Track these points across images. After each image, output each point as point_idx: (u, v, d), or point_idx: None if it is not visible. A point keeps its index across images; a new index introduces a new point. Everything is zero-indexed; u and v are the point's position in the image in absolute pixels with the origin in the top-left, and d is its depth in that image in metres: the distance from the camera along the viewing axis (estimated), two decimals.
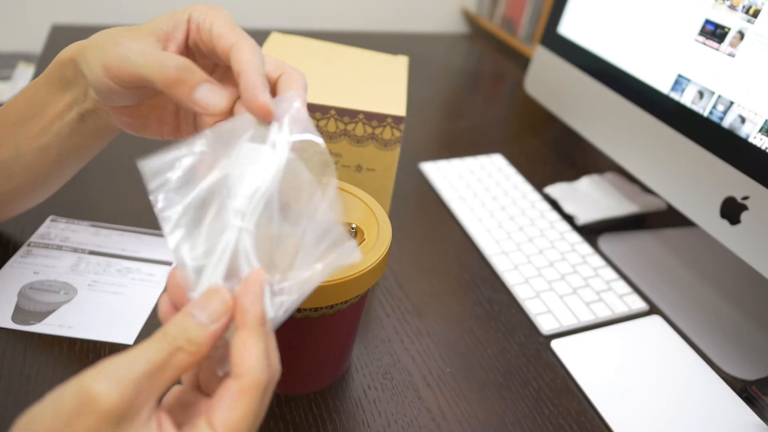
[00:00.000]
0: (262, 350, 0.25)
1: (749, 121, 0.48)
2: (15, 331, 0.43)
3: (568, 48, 0.69)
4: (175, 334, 0.24)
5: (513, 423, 0.43)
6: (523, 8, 1.07)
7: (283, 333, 0.32)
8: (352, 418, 0.41)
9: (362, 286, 0.35)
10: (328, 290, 0.34)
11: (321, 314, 0.36)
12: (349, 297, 0.35)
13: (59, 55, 0.38)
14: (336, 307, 0.36)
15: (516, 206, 0.66)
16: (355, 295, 0.36)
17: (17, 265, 0.48)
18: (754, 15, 0.48)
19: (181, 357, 0.24)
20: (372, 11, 1.21)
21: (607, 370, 0.48)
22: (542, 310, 0.53)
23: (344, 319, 0.39)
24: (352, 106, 0.48)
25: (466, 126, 0.85)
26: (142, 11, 1.05)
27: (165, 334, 0.24)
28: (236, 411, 0.24)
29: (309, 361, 0.40)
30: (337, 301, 0.35)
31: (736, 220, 0.49)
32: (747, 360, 0.52)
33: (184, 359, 0.24)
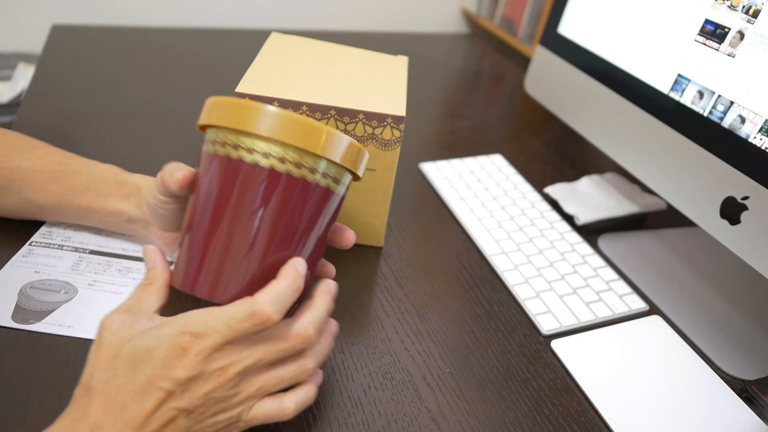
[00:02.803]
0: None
1: (749, 121, 0.48)
2: (15, 330, 0.43)
3: (568, 48, 0.69)
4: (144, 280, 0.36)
5: (513, 423, 0.43)
6: (523, 8, 1.07)
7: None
8: (352, 418, 0.41)
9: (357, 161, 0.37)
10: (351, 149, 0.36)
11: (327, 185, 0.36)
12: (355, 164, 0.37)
13: (121, 177, 0.48)
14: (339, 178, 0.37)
15: (516, 206, 0.66)
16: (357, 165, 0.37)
17: (18, 264, 0.48)
18: (754, 15, 0.48)
19: (150, 288, 0.36)
20: (372, 11, 1.21)
21: (607, 370, 0.48)
22: (542, 310, 0.53)
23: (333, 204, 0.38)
24: (352, 106, 0.48)
25: (466, 126, 0.85)
26: (142, 11, 1.05)
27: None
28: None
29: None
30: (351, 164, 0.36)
31: (736, 220, 0.49)
32: (747, 360, 0.52)
33: (153, 289, 0.36)
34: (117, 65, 0.85)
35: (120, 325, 0.32)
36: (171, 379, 0.30)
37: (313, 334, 0.34)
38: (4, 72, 1.01)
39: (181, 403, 0.31)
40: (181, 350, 0.31)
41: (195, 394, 0.31)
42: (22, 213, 0.49)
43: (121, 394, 0.30)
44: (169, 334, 0.31)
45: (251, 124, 0.33)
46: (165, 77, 0.84)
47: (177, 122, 0.73)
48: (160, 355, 0.30)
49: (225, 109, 0.34)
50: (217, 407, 0.32)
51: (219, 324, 0.31)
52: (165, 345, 0.31)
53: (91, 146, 0.65)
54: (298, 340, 0.34)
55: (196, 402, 0.31)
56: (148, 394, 0.30)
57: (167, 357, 0.30)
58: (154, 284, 0.35)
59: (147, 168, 0.63)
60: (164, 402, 0.30)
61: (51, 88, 0.76)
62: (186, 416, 0.31)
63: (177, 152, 0.67)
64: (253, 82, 0.48)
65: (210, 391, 0.31)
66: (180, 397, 0.31)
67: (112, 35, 0.94)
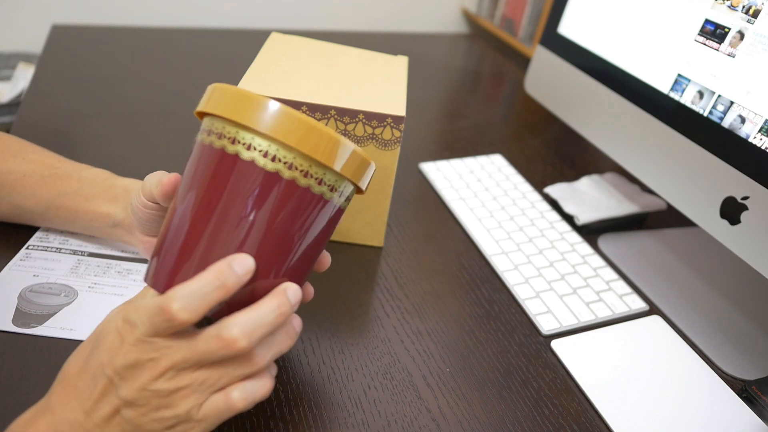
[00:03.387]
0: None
1: (749, 121, 0.48)
2: (16, 334, 0.43)
3: (568, 48, 0.69)
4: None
5: (513, 423, 0.43)
6: (523, 8, 1.07)
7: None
8: (352, 418, 0.41)
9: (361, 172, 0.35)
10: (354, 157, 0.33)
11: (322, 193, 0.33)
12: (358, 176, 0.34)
13: (111, 180, 0.47)
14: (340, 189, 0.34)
15: (516, 206, 0.66)
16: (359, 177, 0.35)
17: (16, 269, 0.48)
18: (754, 15, 0.48)
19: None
20: (372, 11, 1.21)
21: (607, 370, 0.48)
22: (542, 310, 0.53)
23: (332, 218, 0.35)
24: (352, 106, 0.48)
25: (466, 126, 0.85)
26: (142, 11, 1.05)
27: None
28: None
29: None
30: (354, 176, 0.34)
31: (736, 220, 0.49)
32: (747, 360, 0.52)
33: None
34: (117, 65, 0.85)
35: (113, 315, 0.33)
36: (112, 366, 0.30)
37: (238, 338, 0.30)
38: (4, 72, 1.01)
39: (121, 393, 0.30)
40: (120, 338, 0.31)
41: (133, 385, 0.30)
42: (11, 218, 0.49)
43: (79, 377, 0.31)
44: (114, 321, 0.31)
45: (255, 119, 0.31)
46: (165, 77, 0.84)
47: (177, 122, 0.73)
48: (107, 342, 0.31)
49: (227, 98, 0.32)
50: (158, 402, 0.31)
51: (143, 315, 0.30)
52: (111, 331, 0.31)
53: (91, 146, 0.65)
54: (220, 344, 0.30)
55: (134, 393, 0.30)
56: (96, 380, 0.31)
57: (111, 344, 0.31)
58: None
59: (147, 168, 0.63)
60: (108, 389, 0.31)
61: (51, 88, 0.76)
62: (128, 408, 0.31)
63: (177, 152, 0.67)
64: (253, 82, 0.48)
65: (146, 383, 0.30)
66: (119, 386, 0.30)
67: (112, 35, 0.94)
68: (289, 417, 0.41)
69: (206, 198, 0.32)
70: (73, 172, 0.48)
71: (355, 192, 0.37)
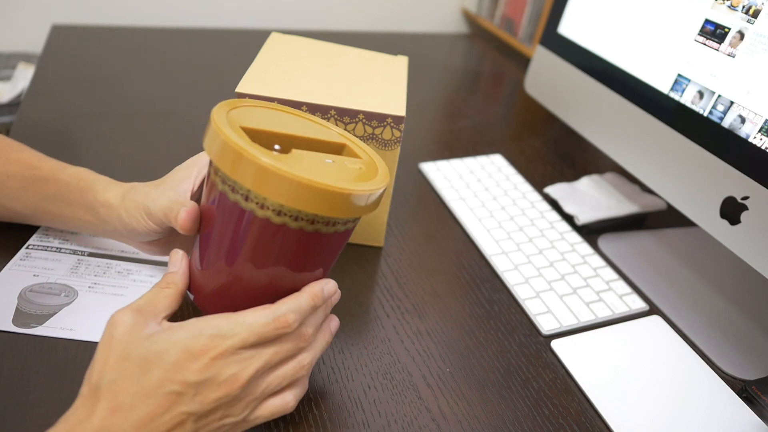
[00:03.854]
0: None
1: (749, 121, 0.48)
2: (16, 334, 0.43)
3: (568, 48, 0.69)
4: (161, 282, 0.36)
5: (513, 423, 0.43)
6: (523, 8, 1.07)
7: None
8: (352, 418, 0.41)
9: (360, 209, 0.34)
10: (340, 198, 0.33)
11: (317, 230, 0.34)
12: (351, 214, 0.34)
13: (84, 183, 0.45)
14: (335, 225, 0.35)
15: (516, 206, 0.66)
16: (354, 214, 0.34)
17: (16, 269, 0.48)
18: (754, 15, 0.48)
19: (166, 292, 0.36)
20: (372, 11, 1.21)
21: (607, 370, 0.48)
22: (542, 310, 0.53)
23: (336, 241, 0.36)
24: (352, 106, 0.48)
25: (466, 126, 0.85)
26: (142, 11, 1.05)
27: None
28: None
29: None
30: (345, 215, 0.34)
31: (736, 220, 0.49)
32: (747, 360, 0.52)
33: (168, 293, 0.36)
34: (117, 65, 0.85)
35: (131, 326, 0.32)
36: (182, 382, 0.30)
37: (292, 322, 0.34)
38: (4, 72, 1.01)
39: (191, 407, 0.31)
40: (193, 354, 0.31)
41: (207, 399, 0.31)
42: (5, 218, 0.49)
43: (129, 395, 0.30)
44: (183, 338, 0.31)
45: (264, 186, 0.31)
46: (165, 77, 0.84)
47: (177, 122, 0.73)
48: (171, 358, 0.30)
49: (235, 159, 0.31)
50: (225, 411, 0.32)
51: (239, 327, 0.32)
52: (178, 348, 0.31)
53: (91, 146, 0.65)
54: (299, 341, 0.35)
55: (206, 407, 0.31)
56: (156, 396, 0.30)
57: (179, 360, 0.30)
58: (171, 289, 0.35)
59: (147, 168, 0.63)
60: (173, 405, 0.30)
61: (51, 88, 0.76)
62: (195, 421, 0.31)
63: (177, 152, 0.67)
64: (252, 82, 0.48)
65: (221, 396, 0.31)
66: (191, 401, 0.30)
67: (112, 35, 0.94)
68: (289, 417, 0.41)
69: (234, 248, 0.34)
70: (50, 173, 0.45)
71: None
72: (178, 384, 0.30)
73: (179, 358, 0.30)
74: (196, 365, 0.30)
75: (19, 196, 0.46)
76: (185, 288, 0.36)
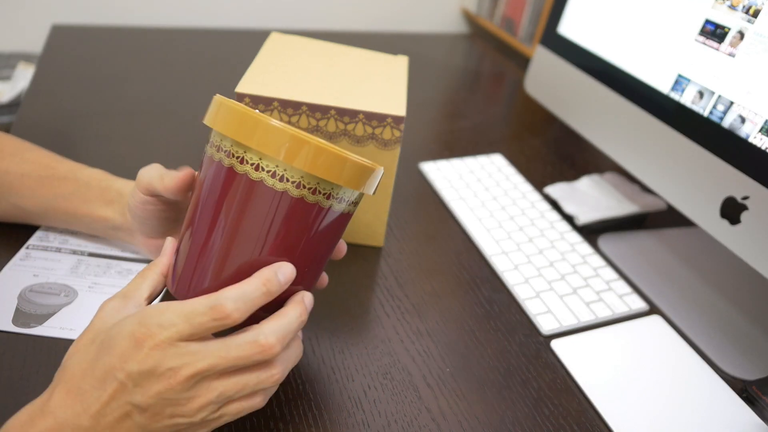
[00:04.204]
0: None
1: (749, 121, 0.48)
2: (16, 334, 0.43)
3: (568, 48, 0.69)
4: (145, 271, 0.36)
5: (513, 423, 0.43)
6: (523, 8, 1.07)
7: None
8: (352, 418, 0.41)
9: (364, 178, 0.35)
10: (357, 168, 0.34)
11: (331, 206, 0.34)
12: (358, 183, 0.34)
13: (106, 182, 0.47)
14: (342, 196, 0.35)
15: (516, 206, 0.66)
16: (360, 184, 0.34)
17: (16, 268, 0.48)
18: (754, 15, 0.48)
19: (151, 277, 0.36)
20: (372, 11, 1.21)
21: (607, 370, 0.48)
22: (542, 310, 0.53)
23: (338, 224, 0.36)
24: (352, 106, 0.48)
25: (466, 126, 0.85)
26: (142, 11, 1.05)
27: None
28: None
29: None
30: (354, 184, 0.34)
31: (736, 220, 0.49)
32: (747, 360, 0.52)
33: (152, 280, 0.36)
34: (117, 65, 0.85)
35: (110, 310, 0.32)
36: (125, 371, 0.29)
37: (274, 344, 0.32)
38: (4, 72, 1.01)
39: (134, 399, 0.30)
40: (136, 342, 0.30)
41: (147, 392, 0.30)
42: (10, 218, 0.49)
43: (84, 380, 0.30)
44: (129, 324, 0.30)
45: (263, 142, 0.31)
46: (165, 77, 0.84)
47: (177, 122, 0.73)
48: (119, 345, 0.30)
49: (236, 118, 0.32)
50: (173, 410, 0.31)
51: (177, 317, 0.30)
52: (125, 335, 0.30)
53: (91, 146, 0.65)
54: (257, 350, 0.31)
55: (148, 400, 0.30)
56: (105, 383, 0.30)
57: (124, 348, 0.30)
58: (151, 270, 0.35)
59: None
60: (118, 394, 0.30)
61: (51, 88, 0.76)
62: (140, 413, 0.30)
63: (177, 152, 0.67)
64: (252, 82, 0.48)
65: (162, 391, 0.30)
66: (132, 392, 0.30)
67: (112, 35, 0.94)
68: (289, 417, 0.41)
69: (220, 214, 0.33)
70: (69, 173, 0.47)
71: (363, 195, 0.38)
72: (122, 372, 0.29)
73: (126, 345, 0.30)
74: (138, 355, 0.29)
75: (33, 194, 0.46)
76: (165, 269, 0.36)
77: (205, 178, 0.34)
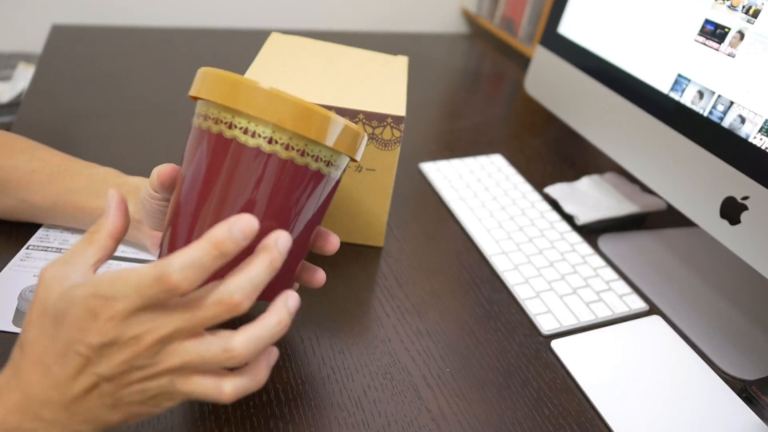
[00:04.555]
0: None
1: (749, 121, 0.48)
2: (16, 334, 0.43)
3: (568, 48, 0.69)
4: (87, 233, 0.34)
5: (513, 423, 0.43)
6: (523, 8, 1.07)
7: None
8: (352, 418, 0.41)
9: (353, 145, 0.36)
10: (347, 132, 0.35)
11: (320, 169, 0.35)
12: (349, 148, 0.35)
13: (121, 179, 0.48)
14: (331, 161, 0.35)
15: (516, 206, 0.66)
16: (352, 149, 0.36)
17: (17, 269, 0.48)
18: (754, 15, 0.48)
19: (95, 241, 0.33)
20: (372, 11, 1.21)
21: (607, 370, 0.48)
22: (542, 310, 0.53)
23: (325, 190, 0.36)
24: (352, 106, 0.48)
25: (466, 126, 0.85)
26: (142, 11, 1.05)
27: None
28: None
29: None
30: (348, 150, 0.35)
31: (736, 220, 0.49)
32: (747, 360, 0.52)
33: (96, 246, 0.33)
34: (117, 65, 0.85)
35: (50, 279, 0.30)
36: (85, 344, 0.29)
37: (240, 301, 0.29)
38: (4, 72, 1.01)
39: (99, 369, 0.29)
40: (92, 314, 0.28)
41: (112, 362, 0.29)
42: (16, 214, 0.49)
43: (47, 354, 0.29)
44: (81, 296, 0.29)
45: (250, 104, 0.32)
46: (165, 77, 0.84)
47: (177, 122, 0.73)
48: (74, 318, 0.29)
49: (221, 83, 0.33)
50: (140, 374, 0.30)
51: (128, 288, 0.28)
52: (78, 308, 0.29)
53: (91, 146, 0.65)
54: (221, 308, 0.29)
55: (114, 369, 0.29)
56: (68, 358, 0.29)
57: (80, 320, 0.29)
58: (98, 233, 0.33)
59: (147, 168, 0.63)
60: (84, 367, 0.29)
61: (51, 88, 0.76)
62: (108, 382, 0.29)
63: (177, 152, 0.67)
64: None
65: (127, 359, 0.29)
66: (98, 363, 0.29)
67: (112, 35, 0.94)
68: (289, 417, 0.41)
69: (209, 182, 0.33)
70: (83, 169, 0.48)
71: (350, 162, 0.38)
72: (83, 345, 0.29)
73: (80, 317, 0.29)
74: (95, 326, 0.28)
75: (43, 189, 0.47)
76: (114, 231, 0.33)
77: (192, 151, 0.34)
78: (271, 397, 0.42)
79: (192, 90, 0.35)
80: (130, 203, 0.46)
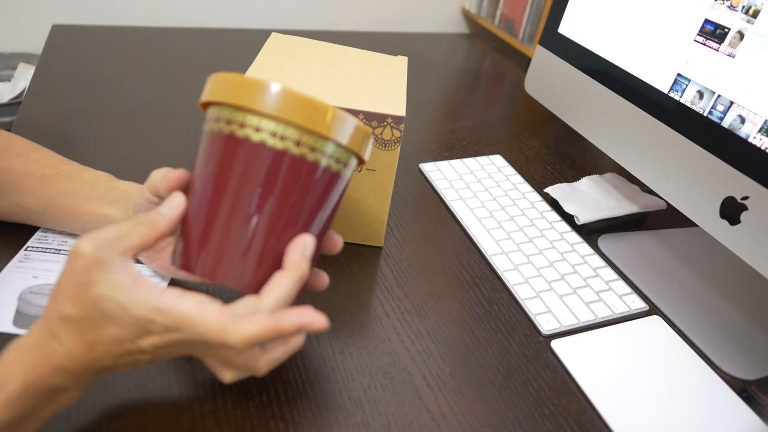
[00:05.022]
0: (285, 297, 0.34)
1: (749, 121, 0.48)
2: (17, 335, 0.43)
3: (568, 48, 0.69)
4: (141, 217, 0.34)
5: (513, 423, 0.43)
6: (523, 8, 1.07)
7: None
8: (352, 418, 0.42)
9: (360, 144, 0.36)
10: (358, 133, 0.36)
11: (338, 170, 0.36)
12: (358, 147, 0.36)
13: (112, 183, 0.48)
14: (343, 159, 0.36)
15: (516, 206, 0.66)
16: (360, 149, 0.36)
17: (16, 270, 0.48)
18: (753, 15, 0.48)
19: (141, 230, 0.33)
20: (372, 11, 1.21)
21: (607, 370, 0.48)
22: (542, 310, 0.53)
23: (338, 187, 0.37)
24: (352, 106, 0.48)
25: (466, 126, 0.85)
26: (142, 11, 1.05)
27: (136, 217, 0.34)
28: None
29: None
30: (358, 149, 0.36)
31: (736, 220, 0.49)
32: (747, 360, 0.52)
33: (144, 231, 0.33)
34: (117, 65, 0.85)
35: (92, 260, 0.31)
36: (137, 346, 0.32)
37: (262, 367, 0.34)
38: (4, 72, 1.01)
39: (145, 357, 0.33)
40: (148, 331, 0.31)
41: (158, 352, 0.33)
42: (9, 216, 0.49)
43: (93, 334, 0.31)
44: (143, 310, 0.31)
45: (261, 102, 0.33)
46: (165, 77, 0.84)
47: (177, 122, 0.73)
48: (129, 325, 0.31)
49: (232, 85, 0.33)
50: (177, 350, 0.33)
51: (192, 330, 0.31)
52: (136, 319, 0.31)
53: (91, 146, 0.65)
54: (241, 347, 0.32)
55: (158, 354, 0.33)
56: (117, 346, 0.32)
57: (136, 330, 0.31)
58: (149, 230, 0.34)
59: (147, 168, 0.63)
60: (131, 355, 0.32)
61: (51, 88, 0.76)
62: (148, 354, 0.33)
63: (177, 152, 0.67)
64: None
65: (171, 343, 0.33)
66: (144, 352, 0.32)
67: (112, 35, 0.94)
68: (289, 417, 0.41)
69: (222, 182, 0.34)
70: (75, 173, 0.48)
71: (357, 162, 0.39)
72: (133, 345, 0.32)
73: (136, 329, 0.31)
74: (150, 340, 0.31)
75: (35, 192, 0.47)
76: (167, 232, 0.34)
77: (204, 154, 0.35)
78: (271, 397, 0.42)
79: (204, 96, 0.35)
80: (118, 208, 0.46)
